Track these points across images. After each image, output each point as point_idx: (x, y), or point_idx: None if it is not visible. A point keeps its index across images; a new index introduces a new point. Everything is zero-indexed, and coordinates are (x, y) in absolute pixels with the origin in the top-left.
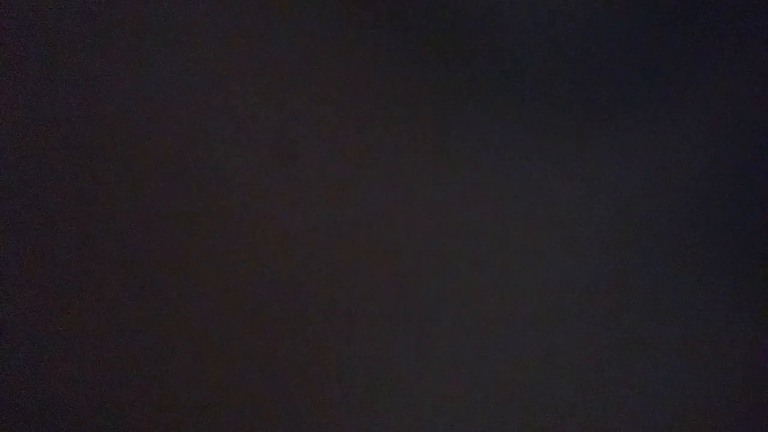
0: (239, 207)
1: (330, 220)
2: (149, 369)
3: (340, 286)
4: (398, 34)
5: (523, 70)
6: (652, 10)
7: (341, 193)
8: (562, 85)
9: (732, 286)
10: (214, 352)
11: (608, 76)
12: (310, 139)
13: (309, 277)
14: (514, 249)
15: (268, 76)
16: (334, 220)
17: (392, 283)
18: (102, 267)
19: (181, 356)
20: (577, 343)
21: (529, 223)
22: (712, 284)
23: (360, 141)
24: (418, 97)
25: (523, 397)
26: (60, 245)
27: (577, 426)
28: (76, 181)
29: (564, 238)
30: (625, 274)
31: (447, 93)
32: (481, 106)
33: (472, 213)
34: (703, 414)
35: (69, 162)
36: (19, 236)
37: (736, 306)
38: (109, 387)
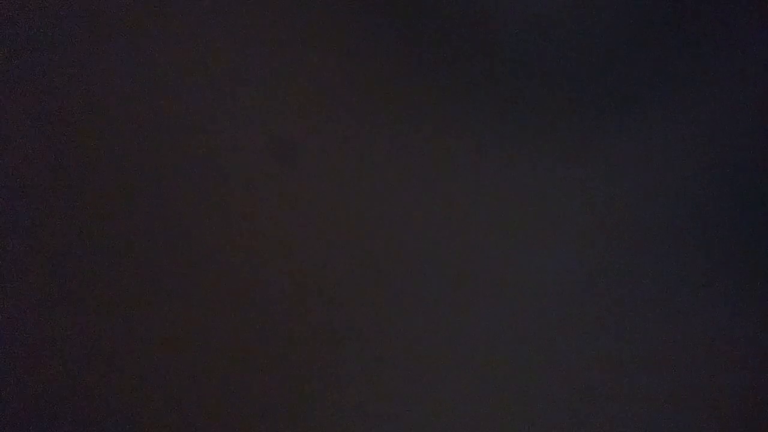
0: (238, 206)
1: (330, 220)
2: (149, 369)
3: (340, 285)
4: (398, 34)
5: (522, 70)
6: (652, 10)
7: (341, 193)
8: (561, 85)
9: (732, 286)
10: (213, 352)
11: (608, 76)
12: (309, 139)
13: (309, 276)
14: (514, 248)
15: (266, 75)
16: (334, 219)
17: (392, 282)
18: (100, 266)
19: (181, 356)
20: (576, 343)
21: (529, 223)
22: (711, 284)
23: (359, 140)
24: (417, 97)
25: (522, 396)
26: (59, 245)
27: (576, 425)
28: (75, 180)
29: (563, 239)
30: (625, 273)
31: (446, 93)
32: (480, 105)
33: (472, 212)
34: (703, 414)
35: (68, 161)
36: (19, 236)
37: (735, 306)
38: (109, 387)
